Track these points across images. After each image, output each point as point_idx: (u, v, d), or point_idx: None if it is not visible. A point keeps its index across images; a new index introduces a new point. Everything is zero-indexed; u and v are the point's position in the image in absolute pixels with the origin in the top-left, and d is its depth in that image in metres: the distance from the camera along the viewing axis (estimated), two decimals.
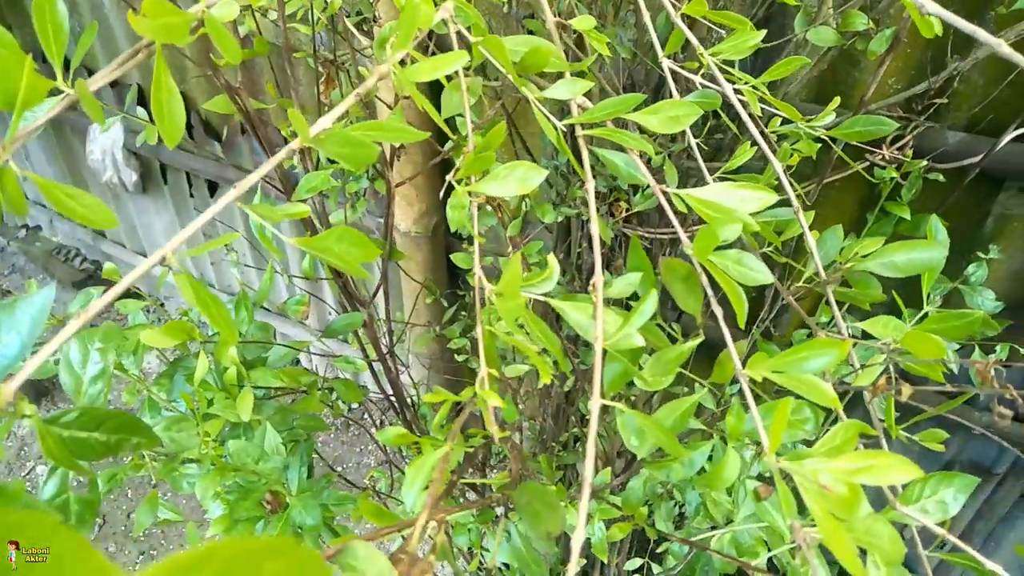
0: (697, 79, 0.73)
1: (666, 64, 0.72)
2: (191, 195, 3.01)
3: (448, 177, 0.51)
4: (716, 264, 0.49)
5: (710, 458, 0.62)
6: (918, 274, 0.61)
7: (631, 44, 1.22)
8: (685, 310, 0.53)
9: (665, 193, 0.52)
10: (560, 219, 1.03)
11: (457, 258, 1.22)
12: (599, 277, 0.49)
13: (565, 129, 0.57)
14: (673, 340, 0.54)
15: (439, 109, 0.95)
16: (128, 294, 1.06)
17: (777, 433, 0.41)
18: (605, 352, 0.48)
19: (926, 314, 0.57)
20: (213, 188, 2.91)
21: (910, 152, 0.92)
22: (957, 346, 1.13)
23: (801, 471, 0.40)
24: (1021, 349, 1.51)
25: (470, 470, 1.50)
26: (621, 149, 0.57)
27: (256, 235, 0.93)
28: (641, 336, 0.49)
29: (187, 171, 2.87)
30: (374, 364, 1.20)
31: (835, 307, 0.60)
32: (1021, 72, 1.25)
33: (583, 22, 0.58)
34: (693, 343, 0.52)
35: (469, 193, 0.50)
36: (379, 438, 0.53)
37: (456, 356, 1.63)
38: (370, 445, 3.12)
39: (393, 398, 1.29)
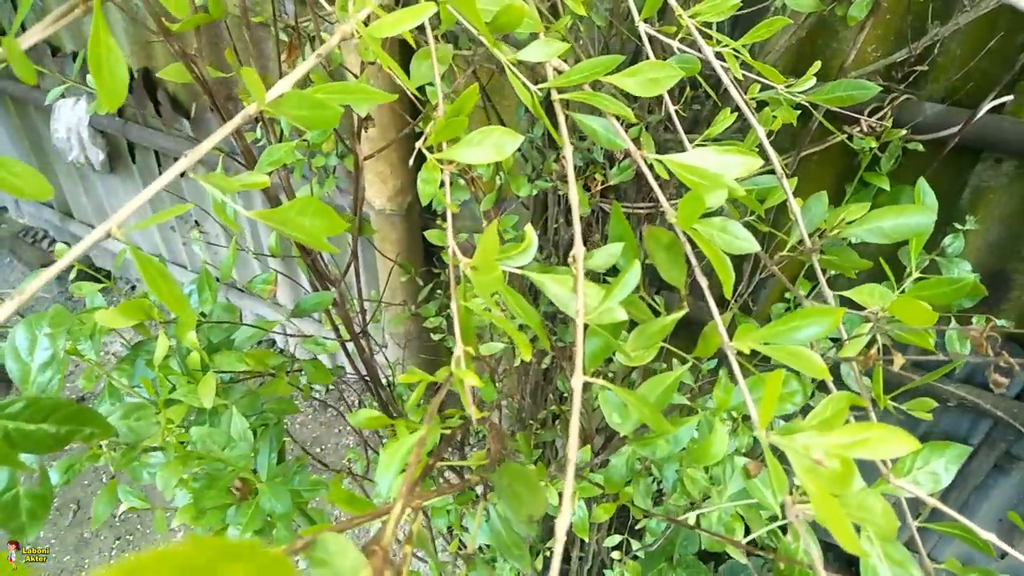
0: (675, 44, 0.71)
1: (643, 28, 0.69)
2: (161, 174, 2.93)
3: (418, 144, 0.48)
4: (701, 233, 0.46)
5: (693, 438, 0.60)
6: (903, 241, 0.60)
7: (607, 13, 1.19)
8: (669, 281, 0.51)
9: (646, 160, 0.50)
10: (536, 193, 1.00)
11: (432, 235, 1.19)
12: (579, 248, 0.47)
13: (541, 94, 0.54)
14: (656, 313, 0.52)
15: (409, 77, 0.91)
16: (90, 276, 1.02)
17: (768, 407, 0.40)
18: (586, 327, 0.46)
19: (915, 280, 0.55)
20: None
21: (890, 121, 0.90)
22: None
23: (793, 446, 0.38)
24: (996, 320, 1.51)
25: (448, 450, 1.48)
26: (599, 114, 0.54)
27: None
28: (623, 309, 0.46)
29: (156, 150, 2.80)
30: (348, 344, 1.17)
31: (820, 275, 0.58)
32: (999, 42, 1.24)
33: None
34: (676, 315, 0.50)
35: (440, 161, 0.48)
36: (351, 421, 0.51)
37: (432, 335, 1.60)
38: (349, 426, 3.09)
39: (368, 379, 1.26)
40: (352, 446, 3.04)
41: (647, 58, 0.68)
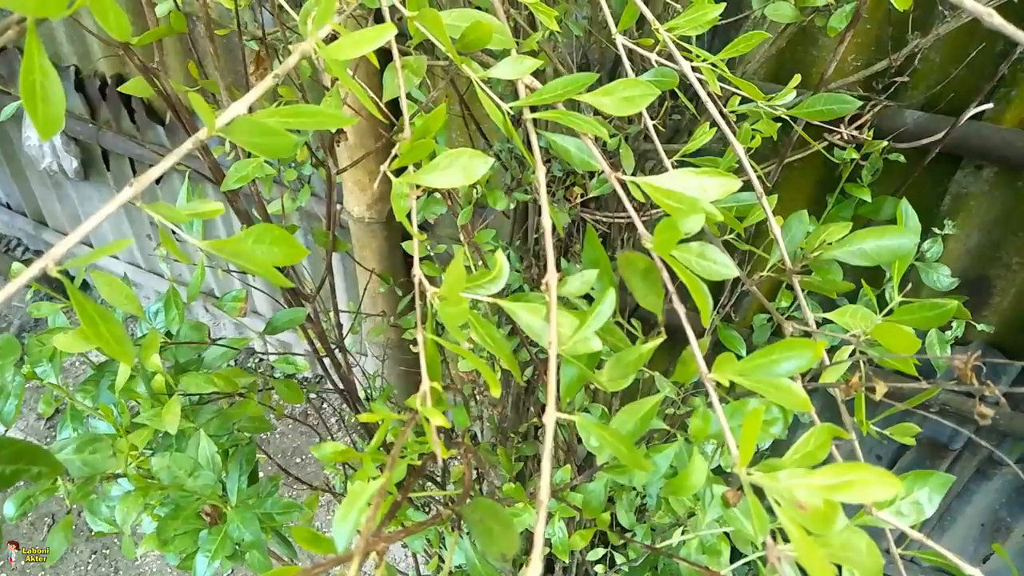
0: (653, 57, 0.69)
1: (620, 41, 0.67)
2: (134, 173, 2.89)
3: (383, 167, 0.46)
4: (678, 259, 0.45)
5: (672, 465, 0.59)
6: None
7: (585, 21, 1.18)
8: (646, 307, 0.49)
9: (622, 182, 0.48)
10: (515, 205, 0.99)
11: (409, 246, 1.17)
12: (552, 275, 0.45)
13: (513, 112, 0.52)
14: (632, 338, 0.50)
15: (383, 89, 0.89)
16: (60, 288, 0.99)
17: (748, 445, 0.38)
18: (560, 358, 0.44)
19: (898, 304, 0.54)
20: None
21: (870, 133, 0.89)
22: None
23: (776, 487, 0.37)
24: (977, 325, 1.51)
25: (430, 466, 1.45)
26: (574, 133, 0.52)
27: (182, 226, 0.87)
28: (599, 339, 0.45)
29: (130, 157, 2.75)
30: (326, 358, 1.14)
31: (802, 298, 0.57)
32: (978, 51, 1.24)
33: None
34: (654, 343, 0.48)
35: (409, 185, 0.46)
36: (315, 454, 0.49)
37: (412, 347, 1.57)
38: (333, 435, 3.06)
39: (346, 393, 1.23)
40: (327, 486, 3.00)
41: (626, 71, 0.67)
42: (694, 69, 0.61)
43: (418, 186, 0.52)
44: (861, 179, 0.92)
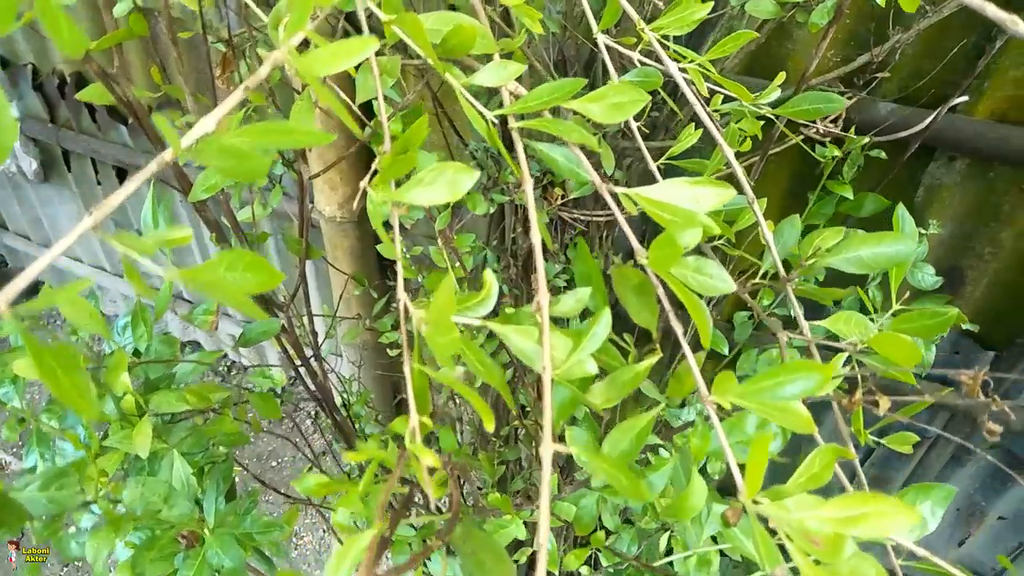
0: (635, 56, 0.67)
1: (601, 40, 0.65)
2: (98, 183, 2.80)
3: (362, 184, 0.44)
4: (675, 275, 0.43)
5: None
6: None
7: (560, 16, 1.15)
8: (640, 324, 0.47)
9: (613, 194, 0.46)
10: (492, 209, 0.96)
11: (384, 249, 1.14)
12: (543, 296, 0.43)
13: (496, 120, 0.50)
14: (623, 352, 0.48)
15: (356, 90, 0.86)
16: (29, 291, 0.94)
17: (756, 475, 0.36)
18: (553, 381, 0.42)
19: (895, 312, 0.52)
20: (122, 175, 2.72)
21: (852, 129, 0.88)
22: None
23: (786, 518, 0.35)
24: (963, 325, 1.52)
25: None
26: (560, 141, 0.50)
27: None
28: (593, 361, 0.43)
29: (92, 157, 2.67)
30: (301, 366, 1.11)
31: (796, 306, 0.55)
32: (952, 42, 1.24)
33: None
34: (649, 362, 0.46)
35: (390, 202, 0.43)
36: (297, 488, 0.46)
37: (388, 351, 1.55)
38: (308, 437, 3.01)
39: (323, 401, 1.20)
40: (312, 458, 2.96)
41: (605, 68, 0.65)
42: (681, 70, 0.59)
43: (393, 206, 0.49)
44: (842, 175, 0.92)
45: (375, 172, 0.43)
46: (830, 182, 0.92)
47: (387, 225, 0.46)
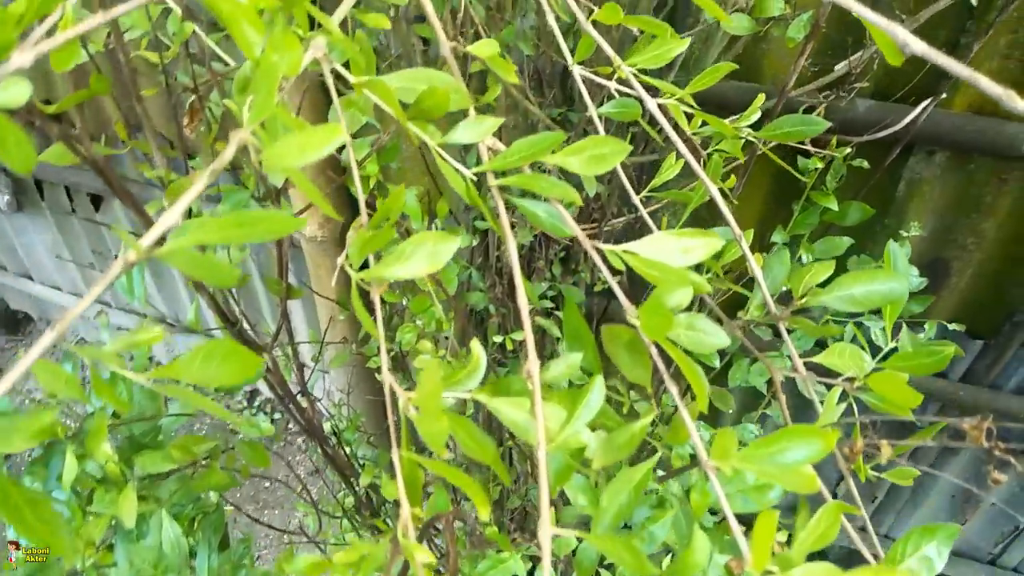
0: (612, 86, 0.66)
1: (576, 72, 0.64)
2: (73, 210, 2.76)
3: (339, 260, 0.42)
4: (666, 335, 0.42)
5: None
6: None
7: (533, 32, 1.14)
8: (633, 381, 0.46)
9: (599, 251, 0.45)
10: (476, 241, 0.95)
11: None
12: (534, 364, 0.41)
13: (475, 177, 0.48)
14: (620, 406, 0.47)
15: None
16: (6, 320, 0.91)
17: (762, 550, 0.35)
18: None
19: (891, 350, 0.52)
20: (97, 202, 2.68)
21: (834, 140, 0.87)
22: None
23: None
24: (949, 325, 1.53)
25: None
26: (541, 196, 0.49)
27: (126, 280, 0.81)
28: (589, 431, 0.41)
29: (66, 185, 2.63)
30: (289, 404, 1.09)
31: (790, 344, 0.54)
32: (924, 37, 1.24)
33: (485, 48, 0.49)
34: (646, 420, 0.45)
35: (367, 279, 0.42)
36: (287, 568, 0.45)
37: (377, 375, 1.53)
38: (298, 455, 2.99)
39: (313, 435, 1.19)
40: (303, 476, 2.94)
41: (580, 94, 0.63)
42: (660, 107, 0.58)
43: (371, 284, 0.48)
44: (826, 186, 0.91)
45: (355, 247, 0.42)
46: (814, 193, 0.91)
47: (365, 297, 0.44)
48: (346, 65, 0.47)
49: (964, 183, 1.45)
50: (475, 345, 0.42)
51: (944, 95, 1.20)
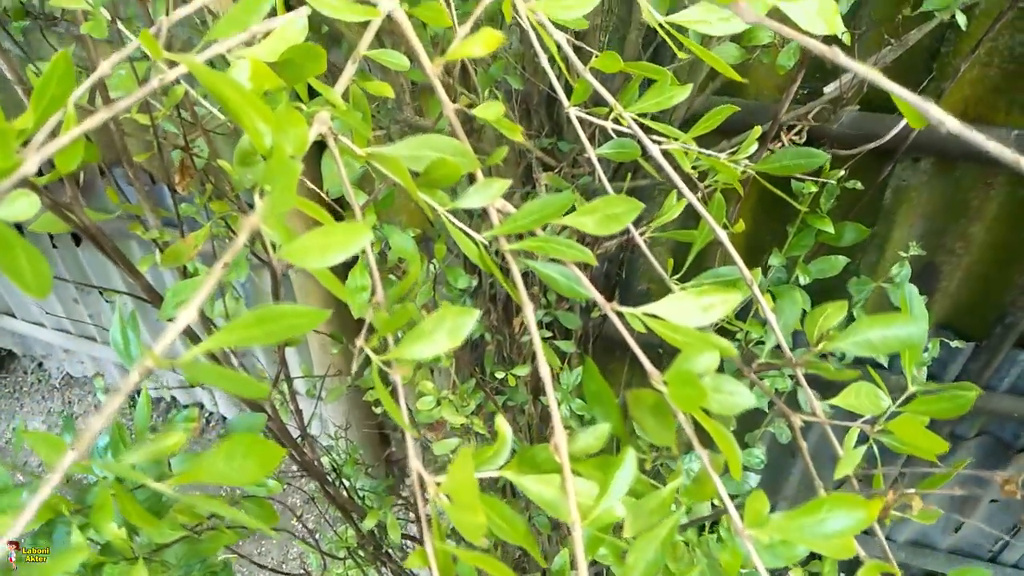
0: (609, 126, 0.65)
1: (573, 113, 0.63)
2: (54, 246, 2.72)
3: (358, 342, 0.41)
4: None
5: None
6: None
7: (518, 58, 1.13)
8: (658, 443, 0.46)
9: (620, 314, 0.44)
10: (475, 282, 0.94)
11: (355, 308, 1.11)
12: (560, 435, 0.40)
13: (486, 242, 0.48)
14: (643, 469, 0.46)
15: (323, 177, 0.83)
16: None
17: None
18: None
19: (911, 395, 0.51)
20: (78, 239, 2.64)
21: (826, 165, 0.87)
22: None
23: None
24: (952, 343, 1.53)
25: None
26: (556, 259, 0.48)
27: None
28: (622, 504, 0.41)
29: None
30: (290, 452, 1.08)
31: (808, 390, 0.54)
32: (907, 52, 1.25)
33: (489, 110, 0.48)
34: (674, 485, 0.45)
35: (389, 361, 0.41)
36: None
37: (374, 408, 1.51)
38: (296, 482, 2.95)
39: (314, 476, 1.17)
40: (299, 505, 2.91)
41: (568, 122, 0.62)
42: (665, 153, 0.57)
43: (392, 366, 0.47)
44: (820, 207, 0.91)
45: (371, 328, 0.41)
46: (809, 216, 0.91)
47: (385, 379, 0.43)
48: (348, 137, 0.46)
49: (951, 189, 1.46)
50: (500, 422, 0.41)
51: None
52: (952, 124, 0.30)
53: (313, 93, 0.51)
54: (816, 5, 0.36)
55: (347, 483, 1.56)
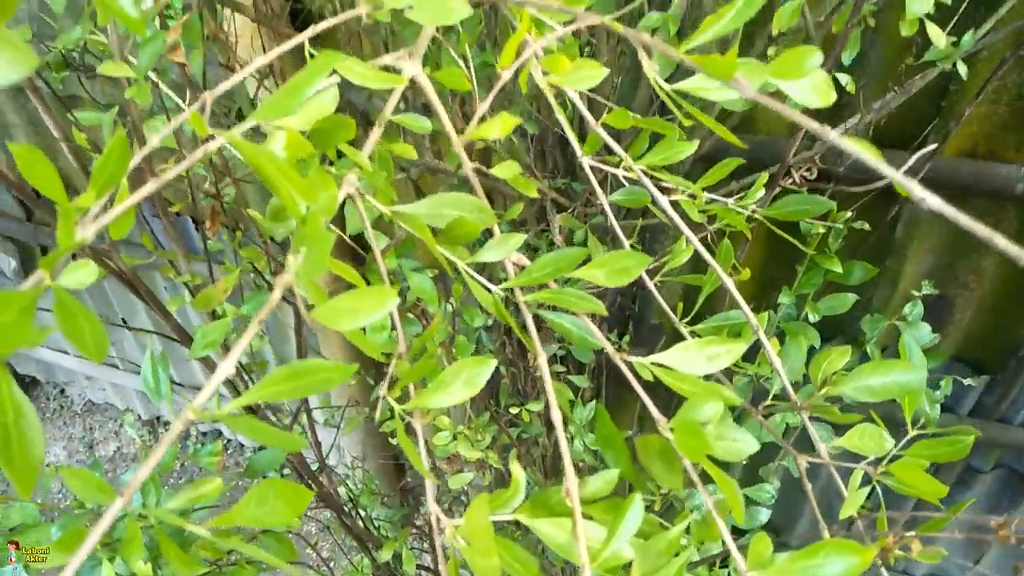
0: (620, 174, 0.68)
1: (586, 162, 0.66)
2: None
3: (381, 393, 0.44)
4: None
5: None
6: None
7: (532, 100, 1.17)
8: (666, 486, 0.48)
9: (628, 363, 0.47)
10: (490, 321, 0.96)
11: (372, 349, 1.14)
12: (572, 481, 0.43)
13: (502, 294, 0.50)
14: (652, 508, 0.48)
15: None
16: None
17: None
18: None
19: (912, 439, 0.53)
20: None
21: (834, 214, 0.90)
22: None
23: None
24: (964, 380, 1.54)
25: None
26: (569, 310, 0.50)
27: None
28: (630, 546, 0.43)
29: (73, 253, 2.65)
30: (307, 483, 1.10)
31: (813, 432, 0.56)
32: (917, 88, 1.27)
33: (506, 169, 0.51)
34: (682, 526, 0.47)
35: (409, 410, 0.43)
36: None
37: (390, 439, 1.54)
38: (310, 511, 2.97)
39: (331, 507, 1.19)
40: (315, 533, 2.92)
41: (589, 180, 0.65)
42: (673, 204, 0.60)
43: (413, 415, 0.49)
44: (828, 247, 0.93)
45: (392, 380, 0.44)
46: (818, 256, 0.93)
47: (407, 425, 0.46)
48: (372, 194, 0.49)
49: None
50: (515, 467, 0.44)
51: (936, 145, 1.23)
52: (933, 202, 0.32)
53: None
54: (810, 82, 0.39)
55: (363, 513, 1.58)
